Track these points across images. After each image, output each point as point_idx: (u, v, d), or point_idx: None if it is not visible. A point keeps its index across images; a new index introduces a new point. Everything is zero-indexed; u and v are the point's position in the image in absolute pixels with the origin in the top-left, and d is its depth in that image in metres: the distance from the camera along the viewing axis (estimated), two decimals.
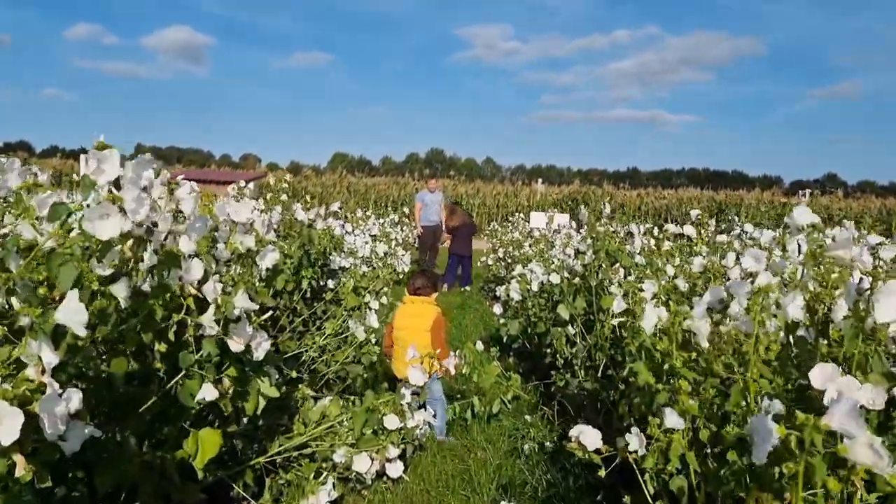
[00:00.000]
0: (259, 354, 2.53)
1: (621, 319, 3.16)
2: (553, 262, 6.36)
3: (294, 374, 3.90)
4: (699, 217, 4.44)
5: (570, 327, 4.55)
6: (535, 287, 5.70)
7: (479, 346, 4.37)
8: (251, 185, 7.22)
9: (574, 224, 12.77)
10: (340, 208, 7.82)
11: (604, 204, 4.40)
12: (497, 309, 6.26)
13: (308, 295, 4.80)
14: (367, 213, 11.64)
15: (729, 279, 3.38)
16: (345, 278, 5.15)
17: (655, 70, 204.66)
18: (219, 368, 2.54)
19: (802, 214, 2.39)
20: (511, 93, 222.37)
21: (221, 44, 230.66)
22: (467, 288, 11.88)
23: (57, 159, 38.07)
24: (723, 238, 4.75)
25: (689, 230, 4.21)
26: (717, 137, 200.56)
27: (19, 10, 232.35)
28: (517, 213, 28.03)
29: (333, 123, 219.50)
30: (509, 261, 9.73)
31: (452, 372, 4.45)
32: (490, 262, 11.43)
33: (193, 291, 2.17)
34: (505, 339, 6.35)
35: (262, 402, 2.84)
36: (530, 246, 10.16)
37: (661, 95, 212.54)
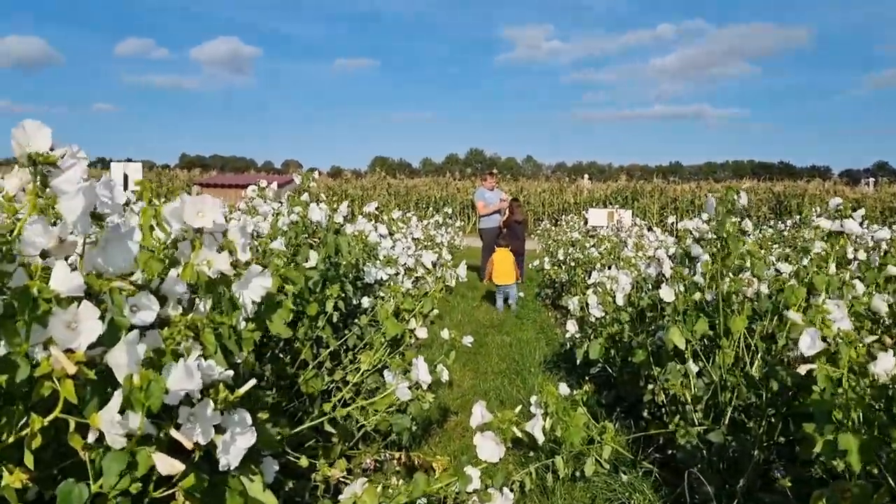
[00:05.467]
0: (231, 459, 1.45)
1: (811, 366, 2.02)
2: (637, 267, 5.22)
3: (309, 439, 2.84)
4: (841, 209, 3.25)
5: (690, 363, 3.39)
6: (619, 300, 4.56)
7: (564, 388, 3.24)
8: (273, 185, 6.19)
9: (639, 220, 11.54)
10: (377, 209, 6.76)
11: (737, 193, 3.22)
12: (570, 326, 5.12)
13: (337, 319, 3.74)
14: (408, 214, 10.58)
15: None
16: (384, 293, 4.07)
17: (699, 64, 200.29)
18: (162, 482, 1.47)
19: None
20: (552, 92, 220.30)
21: (267, 54, 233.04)
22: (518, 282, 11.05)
23: (97, 169, 37.98)
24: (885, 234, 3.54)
25: (851, 226, 3.03)
26: (761, 130, 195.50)
27: (73, 29, 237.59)
28: (565, 212, 26.79)
29: (374, 128, 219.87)
30: (572, 264, 8.56)
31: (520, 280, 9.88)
32: (546, 265, 10.25)
33: (70, 369, 1.09)
34: (579, 361, 5.21)
35: None
36: (593, 246, 8.99)
37: (705, 89, 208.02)
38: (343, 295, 3.51)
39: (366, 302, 3.98)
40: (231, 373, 1.48)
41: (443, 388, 5.31)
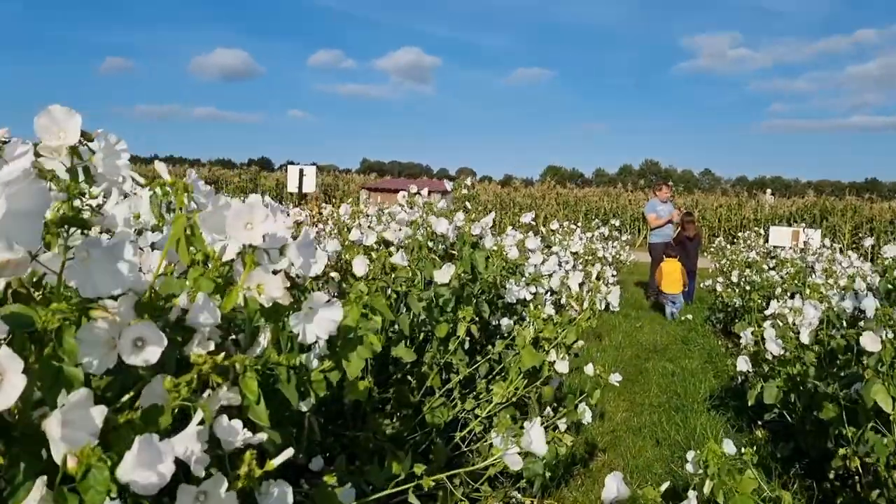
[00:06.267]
0: None
1: None
2: (827, 297, 4.48)
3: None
4: None
5: None
6: (804, 337, 3.89)
7: (729, 446, 2.68)
8: (424, 190, 5.93)
9: (829, 242, 10.37)
10: (537, 219, 6.33)
11: None
12: (742, 364, 4.46)
13: (469, 343, 3.37)
14: (569, 226, 10.05)
15: None
16: (526, 315, 3.64)
17: None
18: None
19: None
20: (736, 101, 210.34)
21: (447, 63, 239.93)
22: (688, 303, 10.39)
23: (280, 172, 39.97)
24: None
25: None
26: None
27: (272, 42, 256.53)
28: (743, 228, 25.03)
29: (549, 137, 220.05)
30: (747, 288, 7.72)
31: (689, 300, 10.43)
32: (718, 287, 9.40)
33: None
34: (751, 403, 4.52)
35: None
36: (772, 269, 8.09)
37: None
38: (475, 318, 3.12)
39: (505, 323, 3.57)
40: (263, 436, 1.13)
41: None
